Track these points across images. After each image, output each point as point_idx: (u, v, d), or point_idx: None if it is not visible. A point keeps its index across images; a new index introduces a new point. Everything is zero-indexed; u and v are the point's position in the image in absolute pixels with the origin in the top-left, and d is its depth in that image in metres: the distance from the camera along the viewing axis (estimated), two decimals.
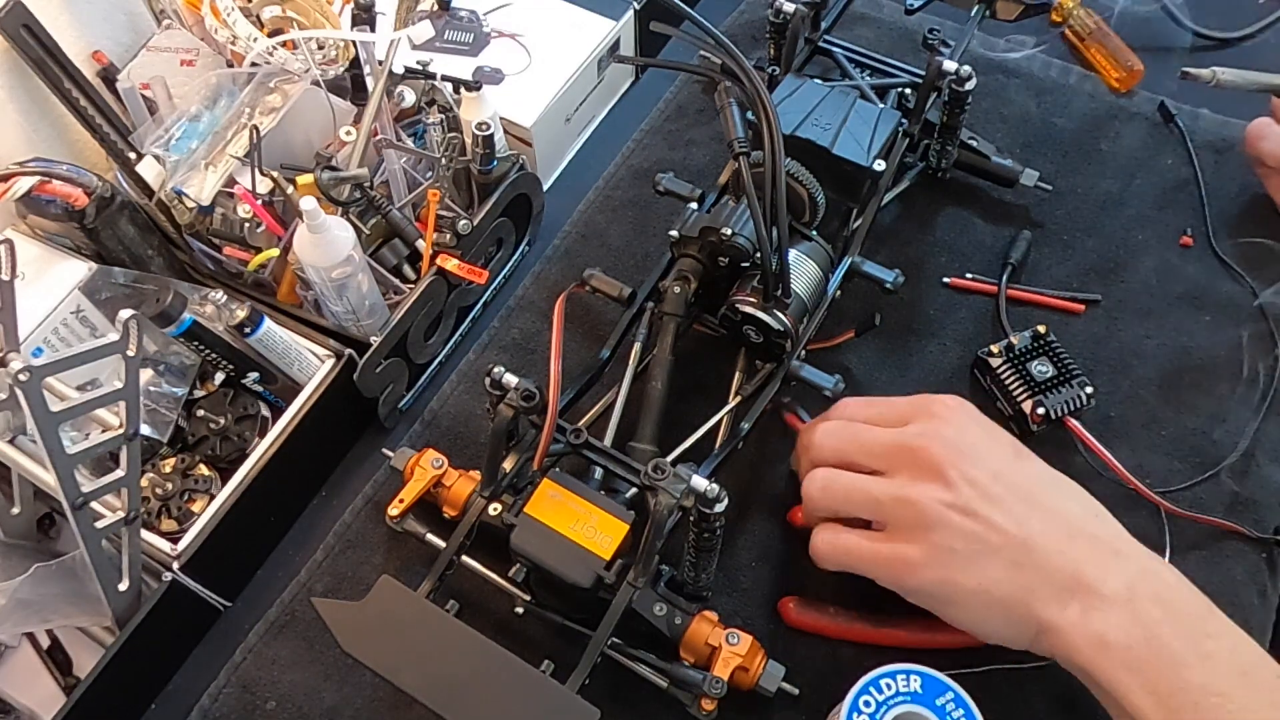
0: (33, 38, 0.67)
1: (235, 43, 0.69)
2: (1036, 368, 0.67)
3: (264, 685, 0.61)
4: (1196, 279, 0.74)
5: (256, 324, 0.64)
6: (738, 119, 0.57)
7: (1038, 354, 0.67)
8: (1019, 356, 0.67)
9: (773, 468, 0.67)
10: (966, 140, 0.76)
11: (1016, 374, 0.67)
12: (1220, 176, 0.78)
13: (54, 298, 0.66)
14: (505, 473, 0.59)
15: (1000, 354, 0.68)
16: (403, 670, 0.50)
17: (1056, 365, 0.67)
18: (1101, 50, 0.84)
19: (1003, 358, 0.67)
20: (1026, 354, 0.67)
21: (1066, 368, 0.67)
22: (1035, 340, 0.68)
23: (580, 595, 0.55)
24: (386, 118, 0.72)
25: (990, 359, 0.68)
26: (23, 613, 0.58)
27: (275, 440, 0.64)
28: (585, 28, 0.83)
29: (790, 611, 0.61)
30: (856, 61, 0.78)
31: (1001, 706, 0.59)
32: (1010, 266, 0.73)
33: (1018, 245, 0.74)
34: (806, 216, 0.65)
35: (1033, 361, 0.67)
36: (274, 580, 0.66)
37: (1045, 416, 0.65)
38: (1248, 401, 0.68)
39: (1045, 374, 0.66)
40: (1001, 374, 0.67)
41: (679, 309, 0.65)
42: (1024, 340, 0.68)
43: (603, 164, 0.82)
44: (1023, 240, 0.75)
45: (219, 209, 0.70)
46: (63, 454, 0.53)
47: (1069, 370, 0.66)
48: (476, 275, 0.69)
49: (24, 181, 0.64)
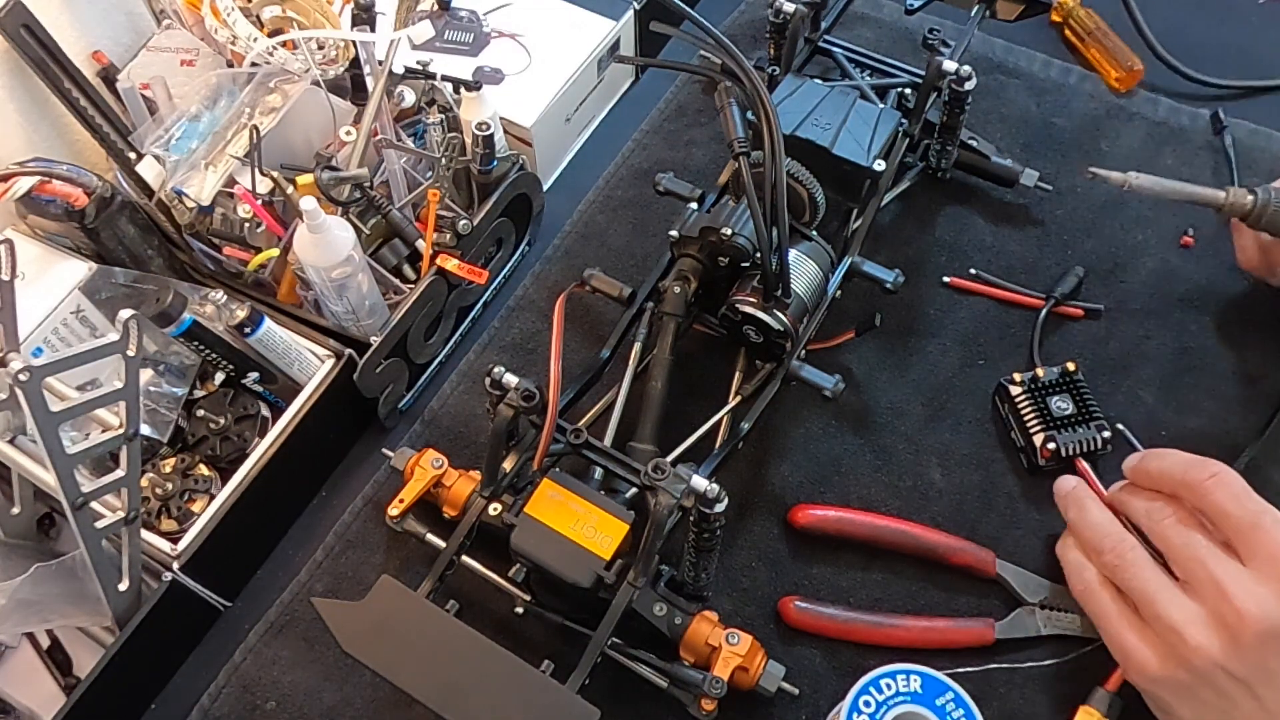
0: (33, 38, 0.67)
1: (235, 43, 0.69)
2: (1056, 403, 0.66)
3: (264, 685, 0.61)
4: (1196, 279, 0.74)
5: (256, 324, 0.64)
6: (738, 119, 0.57)
7: (1061, 390, 0.66)
8: (1042, 390, 0.66)
9: (773, 468, 0.67)
10: (966, 140, 0.76)
11: (1035, 407, 0.66)
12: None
13: (54, 298, 0.66)
14: (505, 473, 0.59)
15: (1022, 384, 0.67)
16: (403, 670, 0.50)
17: (1078, 404, 0.66)
18: (1101, 50, 0.84)
19: (1024, 388, 0.66)
20: (1050, 388, 0.66)
21: (1088, 408, 0.66)
22: (1063, 376, 0.67)
23: (580, 595, 0.55)
24: (386, 118, 0.72)
25: (1011, 387, 0.67)
26: (23, 613, 0.58)
27: (275, 440, 0.64)
28: (585, 28, 0.83)
29: (790, 611, 0.61)
30: (856, 61, 0.78)
31: (1001, 706, 0.59)
32: (1055, 299, 0.72)
33: (1067, 280, 0.73)
34: (806, 216, 0.65)
35: (1054, 396, 0.66)
36: (274, 580, 0.66)
37: (1055, 453, 0.64)
38: (1249, 402, 0.68)
39: (1064, 411, 0.65)
40: (1020, 404, 0.66)
41: (679, 309, 0.65)
42: (1050, 374, 0.67)
43: (603, 164, 0.82)
44: (1073, 276, 0.73)
45: (219, 209, 0.70)
46: (63, 454, 0.53)
47: (1090, 411, 0.65)
48: (476, 275, 0.69)
49: (24, 181, 0.64)
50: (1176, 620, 0.51)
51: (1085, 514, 0.58)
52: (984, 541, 0.63)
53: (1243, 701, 0.51)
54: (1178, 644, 0.51)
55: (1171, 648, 0.52)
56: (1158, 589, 0.53)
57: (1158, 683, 0.53)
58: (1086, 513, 0.58)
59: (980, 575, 0.63)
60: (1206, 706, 0.52)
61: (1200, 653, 0.50)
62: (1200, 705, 0.52)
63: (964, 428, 0.69)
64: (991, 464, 0.67)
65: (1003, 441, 0.68)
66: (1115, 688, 0.58)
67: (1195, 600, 0.52)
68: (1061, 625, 0.61)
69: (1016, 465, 0.67)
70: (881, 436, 0.68)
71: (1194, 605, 0.52)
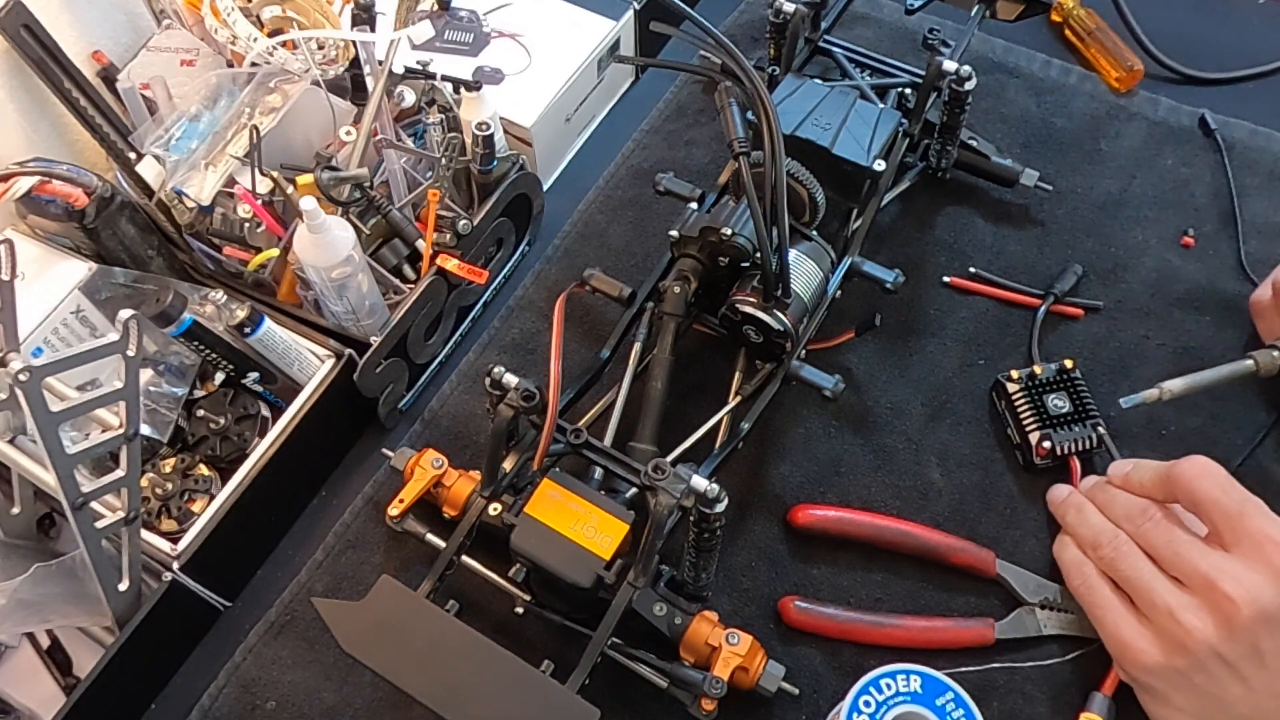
0: (33, 38, 0.67)
1: (235, 43, 0.69)
2: (1053, 401, 0.66)
3: (264, 685, 0.61)
4: (1196, 279, 0.74)
5: (256, 324, 0.64)
6: (738, 119, 0.57)
7: (1059, 388, 0.66)
8: (1039, 387, 0.66)
9: (773, 468, 0.67)
10: (966, 140, 0.76)
11: (1031, 405, 0.66)
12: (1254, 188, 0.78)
13: (54, 298, 0.66)
14: (505, 473, 0.59)
15: (1019, 381, 0.67)
16: (403, 670, 0.50)
17: (1075, 402, 0.66)
18: (1101, 50, 0.84)
19: (1020, 385, 0.66)
20: (1046, 386, 0.66)
21: (1085, 406, 0.66)
22: (1060, 374, 0.67)
23: (580, 595, 0.55)
24: (386, 118, 0.72)
25: (1008, 384, 0.67)
26: (23, 613, 0.58)
27: (275, 440, 0.64)
28: (585, 28, 0.83)
29: (790, 611, 0.61)
30: (856, 61, 0.78)
31: (1001, 706, 0.59)
32: (1053, 296, 0.72)
33: (1065, 278, 0.73)
34: (806, 216, 0.65)
35: (1051, 394, 0.66)
36: (274, 580, 0.66)
37: (1051, 451, 0.64)
38: (1249, 402, 0.68)
39: (1061, 409, 0.65)
40: (1016, 401, 0.66)
41: (679, 309, 0.65)
42: (1048, 371, 0.67)
43: (603, 164, 0.82)
44: (1071, 274, 0.73)
45: (219, 209, 0.70)
46: (63, 454, 0.53)
47: (1086, 409, 0.66)
48: (476, 275, 0.69)
49: (24, 181, 0.64)
50: (1172, 604, 0.53)
51: (1084, 515, 0.60)
52: (984, 541, 0.63)
53: (1231, 686, 0.52)
54: (1174, 629, 0.53)
55: (1168, 635, 0.53)
56: (1152, 577, 0.55)
57: (1154, 672, 0.54)
58: (1085, 514, 0.60)
59: (980, 575, 0.63)
60: (1200, 693, 0.53)
61: (1195, 636, 0.52)
62: (1194, 692, 0.53)
63: (964, 427, 0.69)
64: (991, 464, 0.67)
65: (1002, 441, 0.68)
66: (1111, 691, 0.58)
67: (1187, 592, 0.54)
68: (1061, 625, 0.61)
69: (1016, 465, 0.67)
70: (881, 436, 0.68)
71: (1187, 594, 0.54)
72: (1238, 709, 0.53)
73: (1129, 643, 0.55)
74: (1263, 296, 0.69)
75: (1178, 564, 0.54)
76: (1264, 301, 0.69)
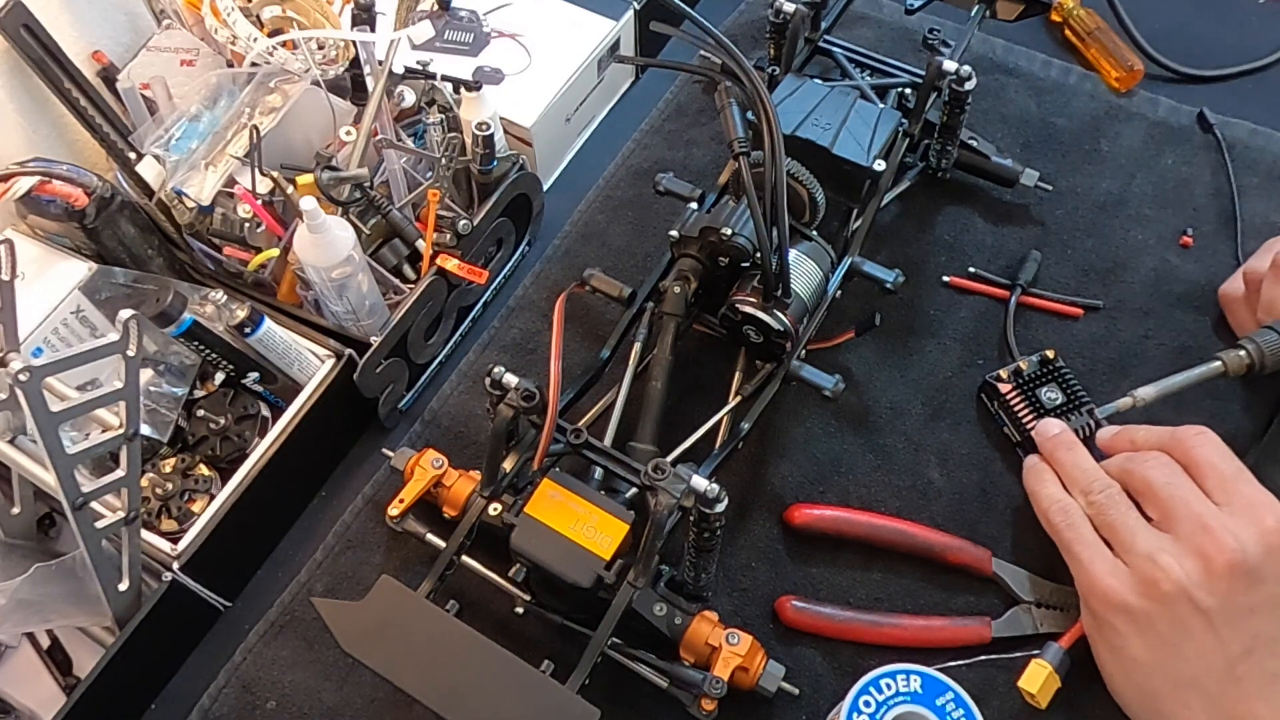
0: (33, 38, 0.67)
1: (235, 43, 0.69)
2: (1046, 394, 0.66)
3: (264, 685, 0.61)
4: (1196, 279, 0.74)
5: (256, 324, 0.64)
6: (738, 119, 0.57)
7: (1047, 379, 0.67)
8: (1028, 382, 0.67)
9: (772, 467, 0.67)
10: (966, 140, 0.76)
11: (1026, 401, 0.66)
12: (1254, 188, 0.78)
13: (54, 298, 0.66)
14: (505, 473, 0.59)
15: (1010, 379, 0.67)
16: (403, 670, 0.50)
17: (1065, 391, 0.66)
18: (1101, 50, 0.84)
19: (1012, 384, 0.67)
20: (1036, 379, 0.67)
21: (1075, 394, 0.66)
22: (1043, 365, 0.67)
23: (580, 595, 0.55)
24: (386, 118, 0.72)
25: (1000, 384, 0.67)
26: (23, 613, 0.58)
27: (275, 440, 0.64)
28: (585, 28, 0.83)
29: (790, 611, 0.61)
30: (856, 61, 0.78)
31: (1001, 705, 0.59)
32: (1019, 288, 0.72)
33: (1027, 267, 0.73)
34: (806, 216, 0.65)
35: (1042, 388, 0.66)
36: (274, 580, 0.66)
37: None
38: (1249, 402, 0.68)
39: (1055, 401, 0.66)
40: (1011, 400, 0.66)
41: (679, 309, 0.65)
42: (1032, 365, 0.67)
43: (603, 164, 0.82)
44: (1032, 261, 0.73)
45: (219, 209, 0.70)
46: (63, 454, 0.53)
47: (1078, 397, 0.66)
48: (476, 275, 0.69)
49: (24, 181, 0.64)
50: (1153, 547, 0.54)
51: (1078, 457, 0.60)
52: (983, 541, 0.63)
53: (1199, 634, 0.52)
54: (1150, 569, 0.53)
55: (1144, 574, 0.54)
56: (1137, 525, 0.56)
57: (1120, 610, 0.54)
58: (1079, 456, 0.61)
59: (977, 574, 0.63)
60: (1160, 639, 0.53)
61: (1171, 575, 0.53)
62: (1154, 638, 0.53)
63: (963, 427, 0.69)
64: (990, 463, 0.67)
65: (1001, 441, 0.68)
66: (1069, 644, 0.58)
67: (1172, 535, 0.54)
68: (1057, 623, 0.61)
69: (1015, 464, 0.67)
70: (881, 436, 0.68)
71: (1169, 539, 0.54)
72: (1189, 666, 0.53)
73: (1101, 576, 0.55)
74: (1233, 289, 0.69)
75: (1174, 504, 0.55)
76: (1235, 294, 0.69)
